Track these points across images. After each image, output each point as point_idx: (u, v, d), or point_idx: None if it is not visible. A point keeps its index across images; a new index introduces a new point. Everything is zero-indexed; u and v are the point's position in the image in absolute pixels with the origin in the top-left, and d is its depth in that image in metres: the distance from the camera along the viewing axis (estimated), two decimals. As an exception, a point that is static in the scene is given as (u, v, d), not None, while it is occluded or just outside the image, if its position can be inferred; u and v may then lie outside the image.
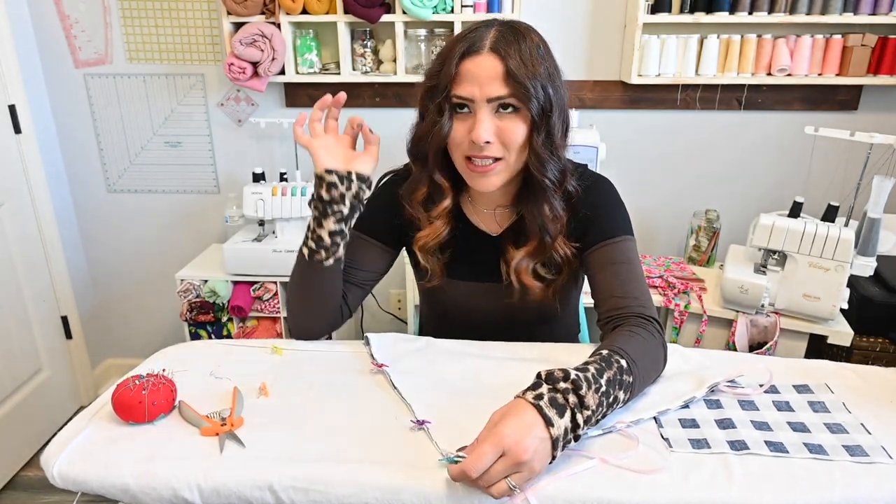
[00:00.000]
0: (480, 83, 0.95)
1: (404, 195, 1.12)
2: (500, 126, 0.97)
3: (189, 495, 0.77)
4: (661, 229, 2.36)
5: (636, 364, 0.87)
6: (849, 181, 2.13)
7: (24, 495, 2.07)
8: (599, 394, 0.79)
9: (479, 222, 1.15)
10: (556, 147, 1.00)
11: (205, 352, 1.08)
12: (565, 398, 0.77)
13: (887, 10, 1.91)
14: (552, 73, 0.98)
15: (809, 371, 1.01)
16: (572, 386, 0.77)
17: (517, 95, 0.95)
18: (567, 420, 0.75)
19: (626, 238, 1.06)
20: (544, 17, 2.13)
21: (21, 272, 2.16)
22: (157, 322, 2.62)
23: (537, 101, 0.95)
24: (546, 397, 0.76)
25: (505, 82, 0.94)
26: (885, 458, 0.79)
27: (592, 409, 0.78)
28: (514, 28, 0.98)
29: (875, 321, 1.82)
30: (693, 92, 2.14)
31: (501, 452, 0.71)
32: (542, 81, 0.95)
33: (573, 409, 0.76)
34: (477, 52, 0.95)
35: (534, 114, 0.96)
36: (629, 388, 0.86)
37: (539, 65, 0.96)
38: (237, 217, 2.28)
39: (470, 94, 0.96)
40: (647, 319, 0.97)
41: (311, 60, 2.13)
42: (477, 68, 0.95)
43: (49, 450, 0.82)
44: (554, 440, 0.74)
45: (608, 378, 0.82)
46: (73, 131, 2.35)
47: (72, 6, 2.19)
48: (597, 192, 1.09)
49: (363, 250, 1.16)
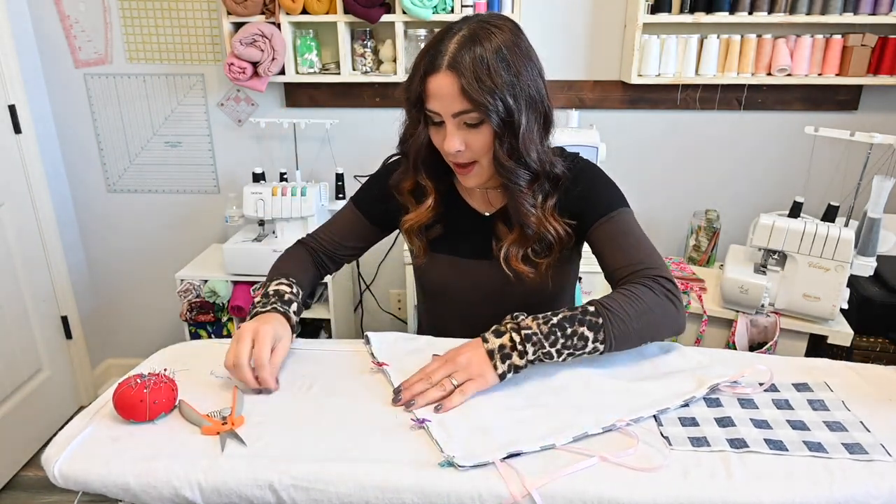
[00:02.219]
0: (442, 100, 0.98)
1: (393, 184, 1.17)
2: (467, 137, 1.01)
3: (190, 494, 0.77)
4: (661, 229, 2.36)
5: (608, 309, 0.94)
6: (849, 181, 2.13)
7: (24, 495, 2.07)
8: (548, 325, 0.92)
9: (471, 202, 1.19)
10: (524, 152, 1.01)
11: (205, 351, 1.08)
12: (505, 326, 0.94)
13: (887, 10, 1.91)
14: (515, 79, 0.97)
15: (809, 369, 1.01)
16: (512, 318, 0.94)
17: (476, 110, 0.97)
18: (504, 339, 0.92)
19: (623, 210, 1.10)
20: (544, 17, 2.13)
21: (21, 272, 2.16)
22: (157, 322, 2.63)
23: (496, 115, 0.97)
24: (490, 330, 0.94)
25: (462, 98, 0.96)
26: (884, 456, 0.79)
27: (534, 330, 0.91)
28: (474, 35, 0.97)
29: (875, 321, 1.82)
30: (693, 92, 2.14)
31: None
32: (500, 93, 0.96)
33: (511, 332, 0.92)
34: (436, 70, 0.97)
35: (494, 126, 0.98)
36: (597, 328, 0.93)
37: (496, 74, 0.95)
38: (237, 217, 2.28)
39: (437, 108, 1.00)
40: (651, 278, 1.00)
41: (311, 60, 2.13)
42: (437, 87, 0.98)
43: (50, 449, 0.82)
44: (489, 352, 0.91)
45: (563, 315, 0.93)
46: (73, 131, 2.36)
47: (72, 6, 2.19)
48: (586, 172, 1.14)
49: (352, 225, 1.24)
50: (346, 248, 1.26)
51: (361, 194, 1.25)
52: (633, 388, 0.94)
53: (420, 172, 1.12)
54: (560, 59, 2.18)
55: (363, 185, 1.26)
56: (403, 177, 1.15)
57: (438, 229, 1.18)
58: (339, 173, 2.25)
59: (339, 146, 2.31)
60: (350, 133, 2.30)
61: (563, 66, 2.19)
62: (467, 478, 0.75)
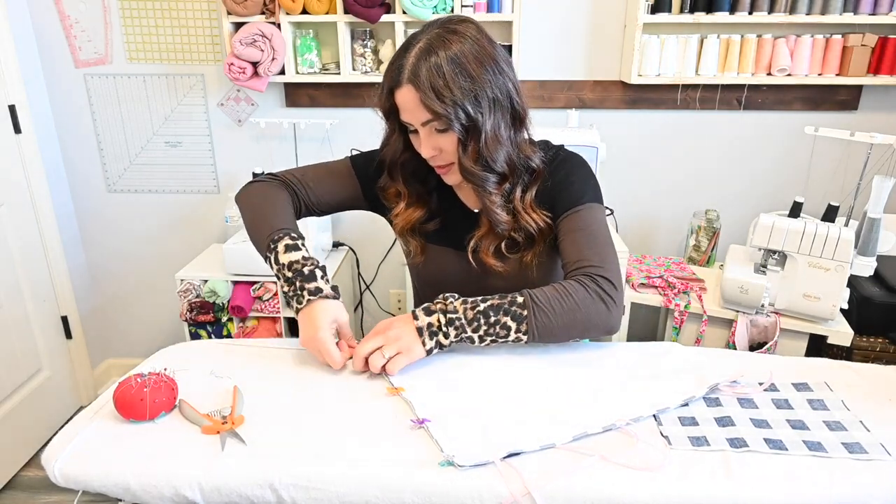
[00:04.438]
0: (410, 112, 1.03)
1: (380, 186, 1.21)
2: (438, 142, 1.05)
3: (190, 493, 0.77)
4: (661, 229, 2.36)
5: (535, 302, 0.98)
6: (849, 181, 2.13)
7: (24, 495, 2.07)
8: (474, 311, 0.98)
9: (462, 196, 1.22)
10: (489, 156, 1.04)
11: (205, 351, 1.08)
12: (435, 305, 1.00)
13: (887, 10, 1.91)
14: (473, 84, 0.99)
15: (809, 369, 1.02)
16: (443, 299, 1.00)
17: (437, 120, 1.01)
18: (433, 318, 0.98)
19: (590, 206, 1.10)
20: (544, 17, 2.13)
21: (21, 272, 2.16)
22: (157, 322, 2.63)
23: (458, 122, 1.00)
24: (421, 308, 1.00)
25: (424, 109, 1.00)
26: (883, 455, 0.79)
27: (459, 315, 0.97)
28: (430, 46, 0.99)
29: (875, 321, 1.82)
30: (693, 92, 2.14)
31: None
32: (459, 101, 0.99)
33: (438, 313, 0.98)
34: (399, 85, 1.02)
35: (457, 132, 1.02)
36: (521, 319, 0.97)
37: (453, 83, 0.98)
38: (237, 217, 2.28)
39: (408, 119, 1.04)
40: (591, 276, 1.01)
41: (311, 60, 2.13)
42: (403, 100, 1.03)
43: (50, 448, 0.82)
44: (418, 328, 0.97)
45: (491, 303, 0.98)
46: (73, 131, 2.36)
47: (72, 6, 2.19)
48: (565, 164, 1.15)
49: (342, 178, 1.23)
50: (328, 204, 1.24)
51: (364, 163, 1.23)
52: (633, 387, 0.94)
53: (397, 178, 1.16)
54: (560, 59, 2.18)
55: (365, 156, 1.24)
56: (388, 183, 1.19)
57: (434, 223, 1.20)
58: (339, 173, 2.25)
59: (339, 146, 2.31)
60: (350, 133, 2.30)
61: (563, 66, 2.19)
62: (467, 478, 0.75)
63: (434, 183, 1.20)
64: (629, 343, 1.09)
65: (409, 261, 1.27)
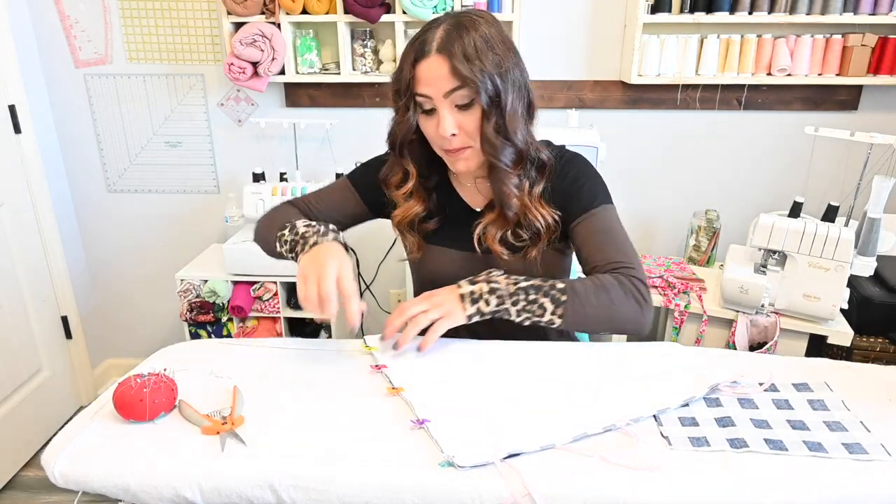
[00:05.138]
0: (433, 82, 1.03)
1: (381, 179, 1.21)
2: (459, 119, 1.05)
3: (190, 494, 0.77)
4: (661, 229, 2.36)
5: (575, 291, 1.02)
6: (849, 181, 2.13)
7: (24, 495, 2.07)
8: (516, 286, 1.02)
9: (464, 196, 1.22)
10: (510, 131, 1.06)
11: (205, 351, 1.08)
12: (479, 277, 1.05)
13: (887, 10, 1.91)
14: (501, 61, 1.03)
15: (809, 369, 1.01)
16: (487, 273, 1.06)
17: (466, 87, 1.01)
18: (476, 287, 1.03)
19: (604, 207, 1.14)
20: (544, 17, 2.13)
21: (21, 272, 2.16)
22: (157, 322, 2.62)
23: (485, 92, 1.02)
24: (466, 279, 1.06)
25: (452, 77, 1.01)
26: (884, 456, 0.79)
27: (502, 287, 1.02)
28: (460, 23, 1.03)
29: (875, 321, 1.82)
30: (693, 92, 2.14)
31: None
32: (488, 73, 1.01)
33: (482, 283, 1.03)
34: (426, 55, 1.02)
35: (483, 103, 1.03)
36: (559, 303, 1.02)
37: (484, 57, 1.01)
38: (237, 217, 2.29)
39: (428, 92, 1.04)
40: (627, 276, 1.05)
41: (311, 60, 2.13)
42: (428, 70, 1.03)
43: (50, 449, 0.82)
44: (461, 295, 1.02)
45: (532, 283, 1.03)
46: (73, 131, 2.36)
47: (72, 6, 2.19)
48: (573, 165, 1.18)
49: (345, 200, 1.27)
50: (336, 221, 1.26)
51: (359, 173, 1.27)
52: (633, 387, 0.94)
53: (405, 156, 1.15)
54: (560, 59, 2.18)
55: (361, 166, 1.28)
56: (391, 170, 1.19)
57: (433, 223, 1.21)
58: (339, 173, 2.25)
59: (338, 146, 2.31)
60: (350, 133, 2.30)
61: (563, 66, 2.19)
62: (467, 478, 0.75)
63: (435, 181, 1.20)
64: (629, 343, 1.09)
65: (408, 256, 1.27)
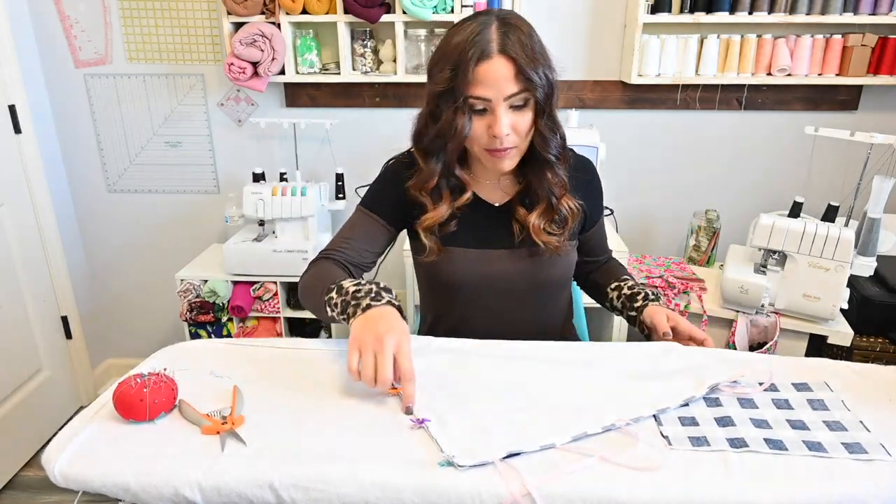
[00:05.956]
0: (496, 85, 1.02)
1: (414, 186, 1.17)
2: (513, 119, 1.05)
3: (190, 494, 0.77)
4: (661, 229, 2.36)
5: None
6: (849, 181, 2.13)
7: (24, 495, 2.07)
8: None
9: (481, 193, 1.21)
10: (557, 123, 1.11)
11: (205, 351, 1.08)
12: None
13: (887, 10, 1.91)
14: (546, 56, 1.07)
15: (809, 369, 1.01)
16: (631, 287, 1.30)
17: (528, 89, 1.03)
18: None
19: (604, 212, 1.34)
20: (544, 17, 2.13)
21: (21, 272, 2.16)
22: (157, 322, 2.63)
23: (542, 90, 1.04)
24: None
25: (517, 80, 1.02)
26: (883, 456, 0.79)
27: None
28: (510, 23, 1.04)
29: (875, 321, 1.82)
30: (693, 92, 2.14)
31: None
32: (543, 69, 1.04)
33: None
34: (489, 56, 1.01)
35: (540, 101, 1.05)
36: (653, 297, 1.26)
37: (539, 54, 1.04)
38: (237, 217, 2.29)
39: (488, 94, 1.03)
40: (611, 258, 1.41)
41: (311, 60, 2.13)
42: (491, 72, 1.01)
43: (50, 448, 0.82)
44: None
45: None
46: (73, 131, 2.35)
47: (72, 6, 2.19)
48: (589, 169, 1.27)
49: (367, 227, 1.22)
50: (370, 253, 1.22)
51: (373, 199, 1.22)
52: (633, 387, 0.94)
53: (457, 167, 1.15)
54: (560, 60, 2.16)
55: (369, 190, 1.23)
56: (429, 177, 1.14)
57: (452, 224, 1.19)
58: (339, 173, 2.25)
59: (339, 146, 2.31)
60: (350, 133, 2.30)
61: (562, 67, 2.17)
62: (467, 478, 0.75)
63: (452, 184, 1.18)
64: (629, 343, 1.09)
65: (422, 258, 1.21)
